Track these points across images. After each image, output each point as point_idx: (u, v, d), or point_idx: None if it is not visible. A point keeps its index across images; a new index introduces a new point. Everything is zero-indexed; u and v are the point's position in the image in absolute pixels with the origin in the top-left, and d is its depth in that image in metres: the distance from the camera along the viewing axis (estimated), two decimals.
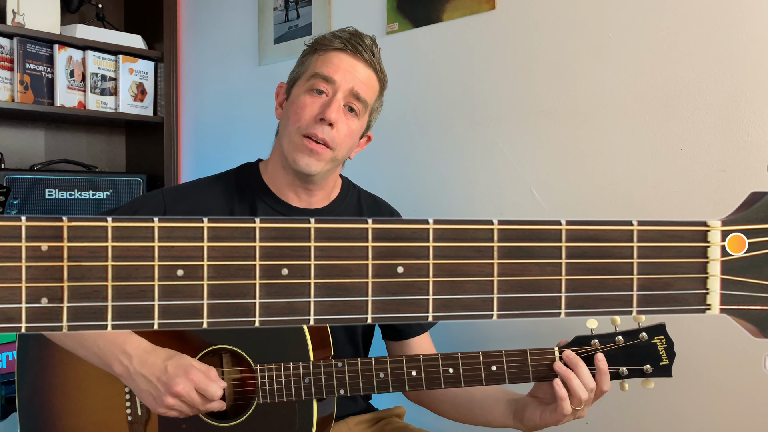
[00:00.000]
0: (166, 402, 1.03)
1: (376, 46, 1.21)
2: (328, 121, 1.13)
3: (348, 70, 1.16)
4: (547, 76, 1.48)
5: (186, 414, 1.05)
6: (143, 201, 1.29)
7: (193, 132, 2.47)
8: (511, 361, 1.05)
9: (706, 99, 1.25)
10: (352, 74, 1.16)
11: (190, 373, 1.03)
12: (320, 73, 1.16)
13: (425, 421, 1.36)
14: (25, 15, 2.11)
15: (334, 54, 1.17)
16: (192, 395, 1.03)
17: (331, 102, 1.15)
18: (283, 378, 1.08)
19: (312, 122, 1.15)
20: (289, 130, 1.17)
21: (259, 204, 1.24)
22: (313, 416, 1.11)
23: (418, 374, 1.07)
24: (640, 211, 1.33)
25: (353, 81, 1.16)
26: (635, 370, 1.03)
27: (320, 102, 1.16)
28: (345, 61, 1.17)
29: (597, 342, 1.04)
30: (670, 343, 1.03)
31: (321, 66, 1.17)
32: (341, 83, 1.15)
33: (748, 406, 1.20)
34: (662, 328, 1.04)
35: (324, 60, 1.17)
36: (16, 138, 2.35)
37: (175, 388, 1.02)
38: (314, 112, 1.15)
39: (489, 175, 1.57)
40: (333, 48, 1.18)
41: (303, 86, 1.19)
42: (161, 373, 1.03)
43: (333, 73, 1.16)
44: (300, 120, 1.15)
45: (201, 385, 1.03)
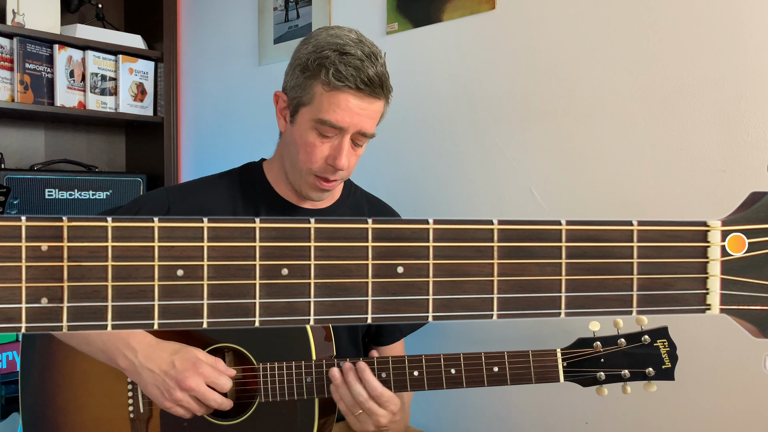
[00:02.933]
0: (175, 396, 1.03)
1: (381, 66, 1.12)
2: (339, 168, 1.13)
3: (357, 113, 1.11)
4: (547, 76, 1.48)
5: (193, 410, 1.05)
6: (146, 199, 1.29)
7: (193, 132, 2.47)
8: (513, 362, 1.05)
9: (706, 99, 1.25)
10: (360, 115, 1.11)
11: (199, 367, 1.03)
12: (329, 121, 1.10)
13: (425, 422, 1.36)
14: (25, 15, 2.11)
15: (341, 96, 1.09)
16: (202, 389, 1.03)
17: (341, 148, 1.12)
18: (285, 377, 1.08)
19: (323, 165, 1.14)
20: (300, 167, 1.16)
21: (262, 203, 1.24)
22: (314, 415, 1.11)
23: (420, 374, 1.07)
24: (640, 211, 1.33)
25: (361, 123, 1.12)
26: (637, 373, 1.03)
27: (329, 144, 1.14)
28: (353, 104, 1.10)
29: (599, 344, 1.04)
30: (672, 346, 1.03)
31: (327, 110, 1.10)
32: (350, 128, 1.12)
33: (748, 406, 1.20)
34: (665, 331, 1.03)
35: (330, 102, 1.10)
36: (16, 138, 2.35)
37: (186, 382, 1.02)
38: (324, 154, 1.14)
39: (489, 174, 1.57)
40: (344, 88, 1.09)
41: (309, 123, 1.13)
42: (169, 367, 1.03)
43: (341, 120, 1.10)
44: (311, 162, 1.14)
45: (211, 378, 1.04)
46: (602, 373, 1.04)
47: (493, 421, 1.56)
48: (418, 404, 1.45)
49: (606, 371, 1.04)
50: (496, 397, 1.55)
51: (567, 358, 1.05)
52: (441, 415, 1.63)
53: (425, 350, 1.13)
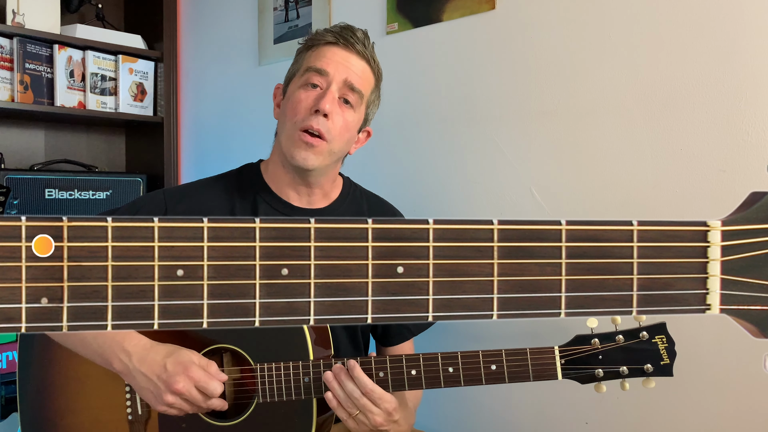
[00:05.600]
0: (166, 400, 1.03)
1: (368, 39, 1.21)
2: (322, 111, 1.14)
3: (341, 62, 1.17)
4: (547, 76, 1.48)
5: (187, 411, 1.05)
6: (144, 201, 1.30)
7: (193, 132, 2.47)
8: (511, 360, 1.05)
9: (706, 99, 1.25)
10: (345, 66, 1.17)
11: (189, 371, 1.03)
12: (313, 66, 1.17)
13: (425, 422, 1.36)
14: (25, 15, 2.11)
15: (326, 48, 1.18)
16: (192, 393, 1.03)
17: (326, 93, 1.15)
18: (283, 377, 1.08)
19: (307, 115, 1.15)
20: (287, 126, 1.18)
21: (260, 203, 1.24)
22: (312, 416, 1.11)
23: (417, 373, 1.07)
24: (640, 211, 1.33)
25: (347, 72, 1.17)
26: (636, 370, 1.03)
27: (315, 95, 1.16)
28: (338, 54, 1.18)
29: (597, 341, 1.04)
30: (670, 342, 1.03)
31: (314, 60, 1.18)
32: (335, 75, 1.16)
33: (748, 406, 1.20)
34: (663, 327, 1.04)
35: (317, 54, 1.19)
36: (16, 138, 2.35)
37: (175, 386, 1.02)
38: (309, 105, 1.15)
39: (489, 174, 1.57)
40: (325, 42, 1.19)
41: (298, 82, 1.19)
42: (161, 370, 1.03)
43: (326, 65, 1.16)
44: (296, 114, 1.16)
45: (201, 382, 1.03)
46: (600, 369, 1.04)
47: (493, 420, 1.56)
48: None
49: (604, 368, 1.04)
50: (495, 397, 1.55)
51: (565, 355, 1.05)
52: (441, 415, 1.63)
53: (423, 349, 1.13)
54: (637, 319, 1.04)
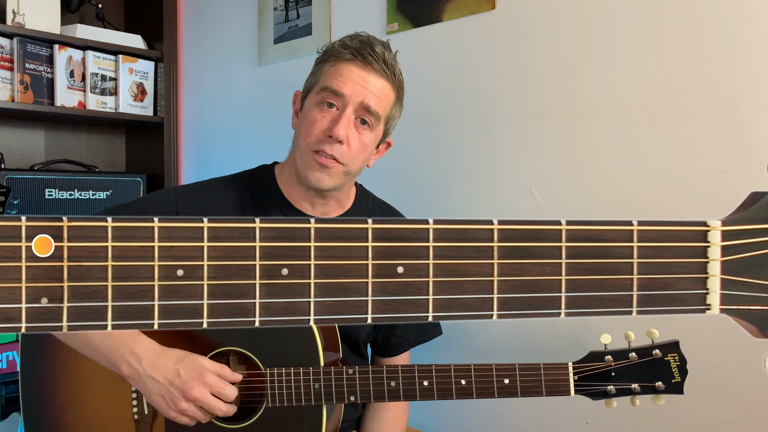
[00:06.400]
0: (180, 407, 1.02)
1: (389, 51, 1.15)
2: (336, 138, 1.10)
3: (358, 82, 1.12)
4: (547, 76, 1.48)
5: (198, 419, 1.04)
6: (156, 198, 1.27)
7: (193, 132, 2.47)
8: (525, 375, 1.04)
9: (706, 99, 1.25)
10: (363, 86, 1.12)
11: (204, 377, 1.02)
12: (329, 86, 1.12)
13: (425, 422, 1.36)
14: (25, 15, 2.11)
15: (344, 65, 1.13)
16: (208, 398, 1.02)
17: (340, 118, 1.11)
18: (293, 382, 1.07)
19: (321, 138, 1.12)
20: (300, 145, 1.15)
21: (272, 212, 1.22)
22: (322, 422, 1.10)
23: (429, 384, 1.06)
24: (639, 211, 1.33)
25: (363, 94, 1.12)
26: (647, 387, 1.03)
27: (330, 117, 1.12)
28: (355, 73, 1.12)
29: (611, 358, 1.04)
30: (683, 360, 1.02)
31: (331, 78, 1.13)
32: (351, 97, 1.11)
33: (748, 406, 1.20)
34: (676, 346, 1.03)
35: (333, 72, 1.13)
36: (16, 138, 2.35)
37: (191, 392, 1.01)
38: (323, 128, 1.12)
39: (489, 175, 1.57)
40: (343, 59, 1.13)
41: (314, 99, 1.15)
42: (174, 376, 1.02)
43: (342, 86, 1.11)
44: (310, 136, 1.13)
45: (216, 388, 1.02)
46: (612, 387, 1.03)
47: (493, 420, 1.56)
48: (418, 404, 1.45)
49: (616, 385, 1.03)
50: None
51: (578, 371, 1.04)
52: (440, 415, 1.63)
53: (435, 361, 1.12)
54: (650, 335, 1.03)
